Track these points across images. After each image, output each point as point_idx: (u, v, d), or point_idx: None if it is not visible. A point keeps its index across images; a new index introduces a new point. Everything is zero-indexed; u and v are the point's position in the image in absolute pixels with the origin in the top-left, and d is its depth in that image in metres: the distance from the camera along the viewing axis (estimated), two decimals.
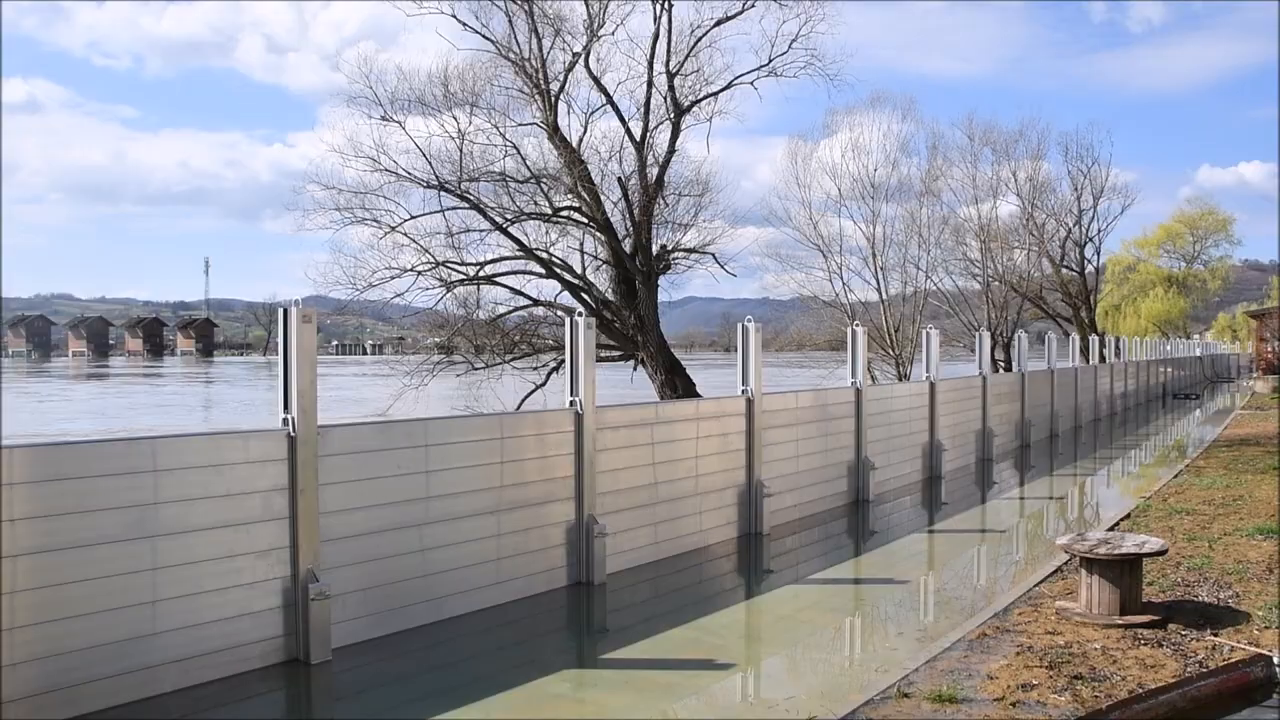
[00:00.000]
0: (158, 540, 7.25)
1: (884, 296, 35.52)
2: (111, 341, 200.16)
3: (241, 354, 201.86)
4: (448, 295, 23.46)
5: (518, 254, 23.38)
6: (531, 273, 23.63)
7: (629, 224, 23.25)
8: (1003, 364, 33.92)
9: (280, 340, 8.08)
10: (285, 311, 8.05)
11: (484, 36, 23.27)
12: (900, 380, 31.86)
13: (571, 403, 10.58)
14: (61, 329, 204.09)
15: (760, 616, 9.99)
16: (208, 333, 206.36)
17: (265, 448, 7.92)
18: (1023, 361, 25.72)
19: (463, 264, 23.37)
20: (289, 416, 8.00)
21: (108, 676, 6.98)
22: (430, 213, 23.08)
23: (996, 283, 37.05)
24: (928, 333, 20.09)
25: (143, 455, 7.31)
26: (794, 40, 23.94)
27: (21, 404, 57.34)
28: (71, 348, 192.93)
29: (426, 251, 23.02)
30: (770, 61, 24.07)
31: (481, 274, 23.47)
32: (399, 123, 22.89)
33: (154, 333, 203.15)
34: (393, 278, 22.98)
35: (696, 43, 23.44)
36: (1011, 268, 38.06)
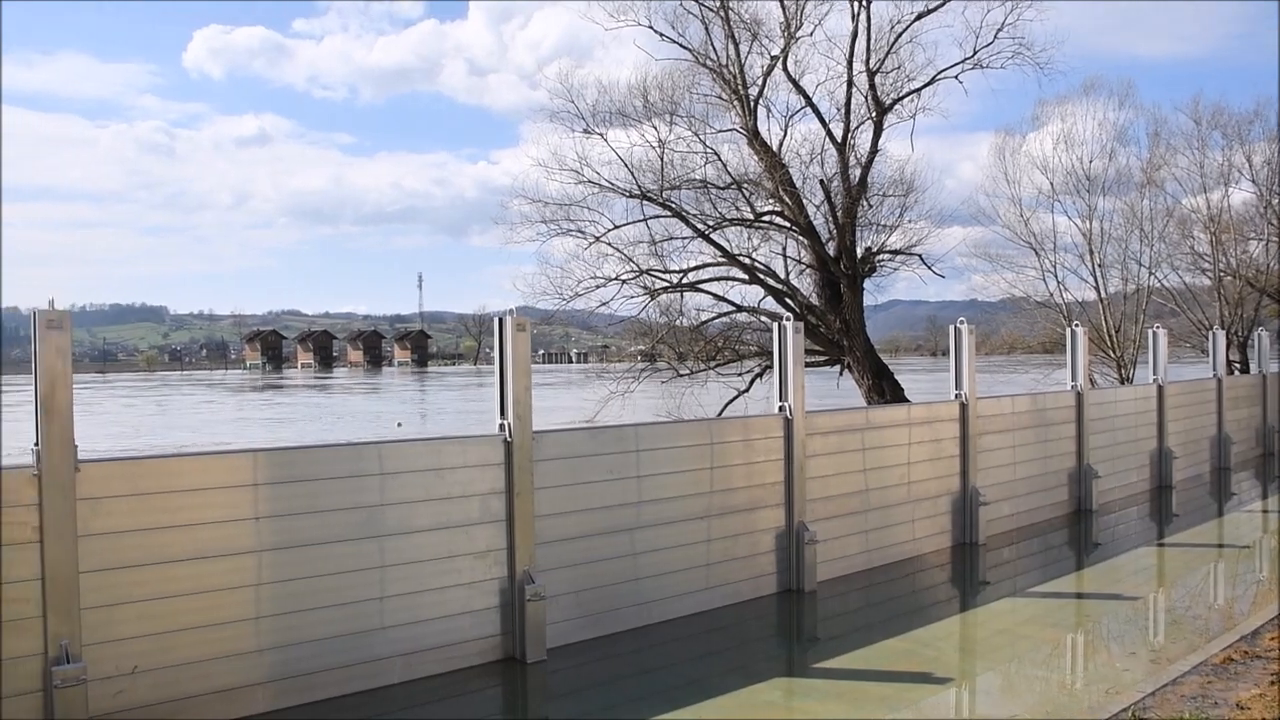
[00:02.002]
0: (384, 540, 7.62)
1: (1103, 295, 33.64)
2: (335, 354, 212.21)
3: (453, 363, 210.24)
4: (651, 303, 23.74)
5: (720, 260, 23.42)
6: (734, 279, 23.62)
7: (832, 227, 22.93)
8: (1238, 365, 31.57)
9: (496, 348, 8.34)
10: (500, 321, 8.30)
11: (681, 45, 23.48)
12: (1123, 383, 30.14)
13: (781, 408, 10.48)
14: (291, 342, 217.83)
15: (977, 630, 9.60)
16: (422, 344, 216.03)
17: (483, 452, 8.19)
18: (1264, 362, 23.79)
19: (665, 271, 23.60)
20: (505, 422, 8.25)
21: (340, 666, 7.36)
22: (633, 222, 23.44)
23: (1230, 278, 34.51)
24: (1154, 332, 18.89)
25: (370, 459, 7.70)
26: (1000, 30, 23.06)
27: (257, 413, 61.53)
28: (300, 359, 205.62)
29: (630, 260, 23.38)
30: (975, 53, 23.26)
31: (684, 281, 23.61)
32: (601, 135, 23.36)
33: (373, 345, 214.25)
34: (597, 287, 23.45)
35: (897, 39, 22.90)
36: (1247, 261, 35.31)
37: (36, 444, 6.24)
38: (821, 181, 23.08)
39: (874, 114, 22.99)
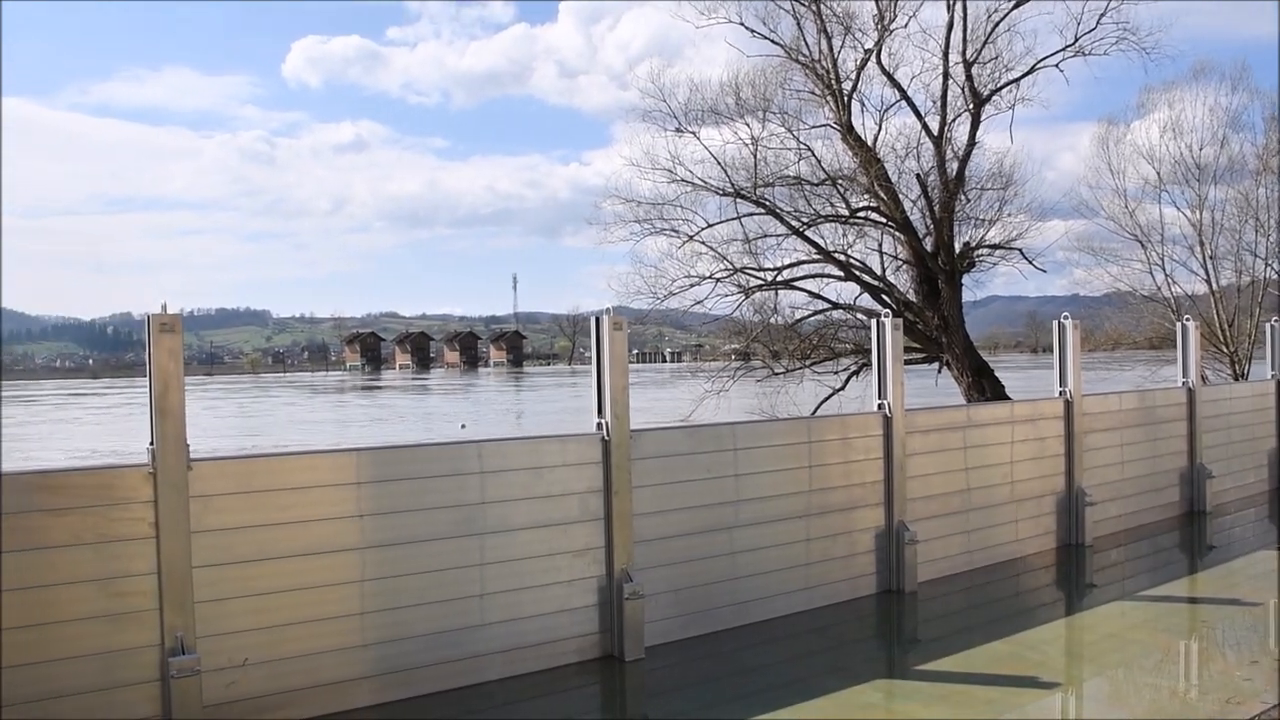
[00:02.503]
0: (485, 538, 7.70)
1: (1214, 288, 32.40)
2: (432, 355, 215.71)
3: (548, 363, 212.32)
4: (745, 301, 23.63)
5: (815, 257, 23.23)
6: (829, 275, 23.40)
7: (929, 222, 22.55)
8: None
9: (593, 347, 8.37)
10: (598, 319, 8.33)
11: (772, 41, 23.31)
12: (1237, 380, 29.04)
13: (880, 406, 10.33)
14: (389, 344, 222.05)
15: (1084, 634, 9.33)
16: (517, 344, 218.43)
17: (581, 451, 8.23)
18: None
19: (760, 269, 23.48)
20: (603, 421, 8.28)
21: (442, 662, 7.47)
22: (726, 220, 23.36)
23: None
24: (1271, 326, 18.12)
25: (470, 458, 7.80)
26: (1103, 15, 22.37)
27: (360, 413, 62.86)
28: (398, 361, 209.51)
29: (724, 259, 23.30)
30: (1076, 40, 22.59)
31: (779, 279, 23.46)
32: (693, 133, 23.33)
33: (469, 345, 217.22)
34: (691, 285, 23.42)
35: (994, 28, 22.38)
36: None
37: (151, 443, 6.46)
38: (918, 176, 22.72)
39: (971, 106, 22.54)
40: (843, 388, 23.20)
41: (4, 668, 6.05)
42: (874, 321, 10.62)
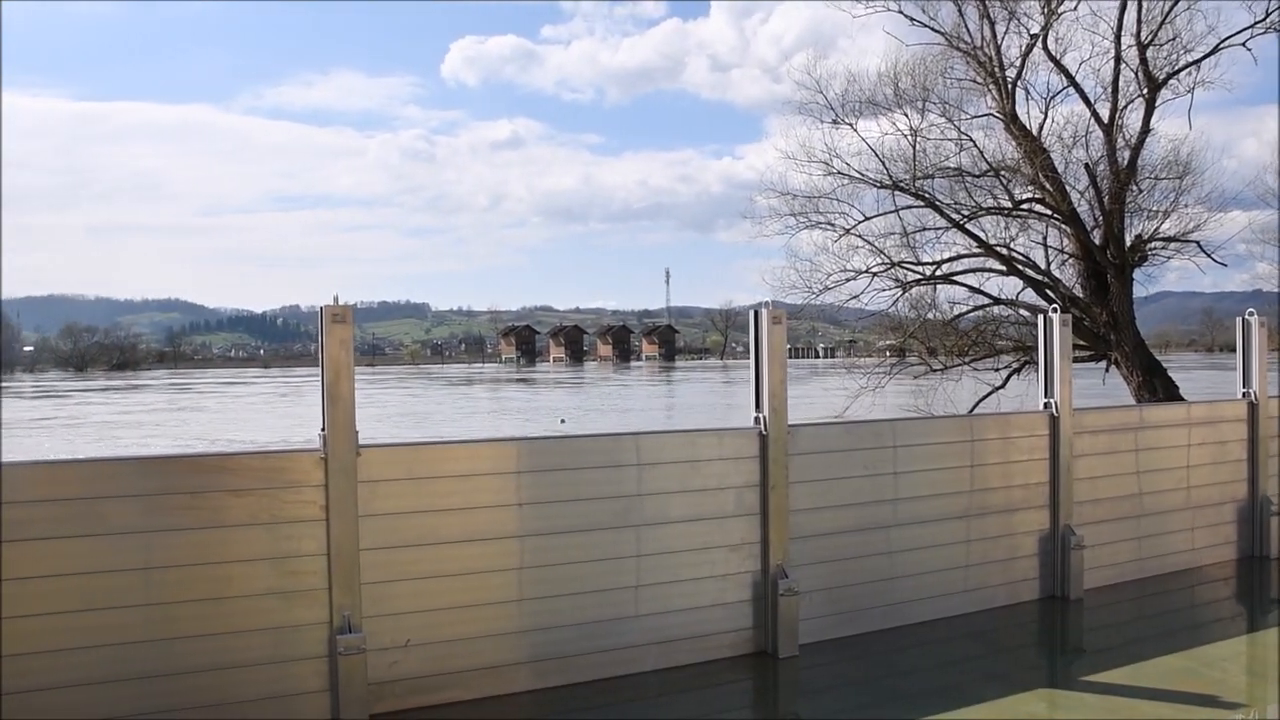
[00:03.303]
0: (641, 529, 7.74)
1: None
2: (585, 348, 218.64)
3: (700, 358, 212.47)
4: (903, 296, 23.11)
5: (975, 251, 22.52)
6: (990, 270, 22.65)
7: (1097, 214, 21.56)
8: None
9: (751, 341, 8.32)
10: (756, 313, 8.28)
11: (932, 29, 22.60)
12: None
13: (1046, 404, 9.95)
14: (544, 337, 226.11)
15: (1270, 652, 8.74)
16: (669, 339, 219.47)
17: (738, 445, 8.19)
18: None
19: (918, 263, 22.90)
20: (760, 415, 8.22)
21: (596, 651, 7.55)
22: (884, 213, 22.86)
23: None
24: None
25: (627, 450, 7.86)
26: None
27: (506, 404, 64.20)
28: (552, 354, 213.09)
29: (881, 253, 22.82)
30: (1268, 15, 21.10)
31: (937, 273, 22.87)
32: (850, 125, 22.88)
33: (622, 339, 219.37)
34: (847, 280, 23.02)
35: (1172, 6, 21.05)
36: None
37: (322, 429, 6.72)
38: (1086, 165, 21.74)
39: (1145, 91, 21.40)
40: (1002, 386, 22.45)
41: (184, 637, 6.42)
42: (1040, 317, 10.24)
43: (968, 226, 22.38)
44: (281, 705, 6.62)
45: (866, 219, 22.98)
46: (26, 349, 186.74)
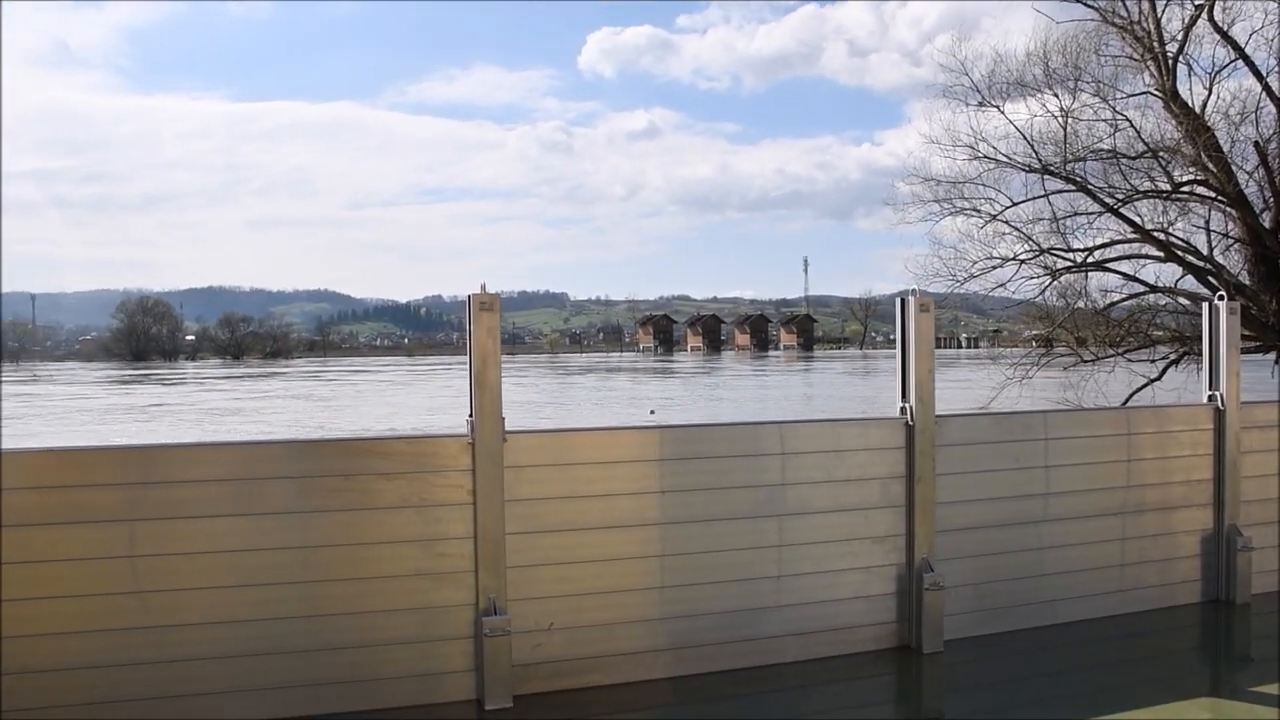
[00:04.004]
0: (784, 519, 7.65)
1: None
2: (723, 337, 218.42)
3: (839, 347, 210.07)
4: (1051, 284, 22.38)
5: (1130, 237, 21.66)
6: (1147, 256, 21.78)
7: (1268, 195, 20.46)
8: None
9: (897, 330, 8.15)
10: (903, 301, 8.09)
11: (1086, 4, 21.82)
12: None
13: (1210, 398, 9.44)
14: (681, 326, 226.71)
15: None
16: (808, 328, 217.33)
17: (883, 435, 8.02)
18: None
19: (1068, 250, 22.18)
20: (906, 405, 8.04)
21: (736, 640, 7.50)
22: (1032, 198, 22.24)
23: None
24: None
25: (770, 439, 7.79)
26: None
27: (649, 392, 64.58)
28: (689, 343, 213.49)
29: (1029, 239, 22.20)
30: None
31: (1089, 260, 22.06)
32: (996, 107, 22.29)
33: (760, 328, 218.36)
34: (993, 268, 22.49)
35: None
36: None
37: (470, 415, 6.86)
38: (1256, 144, 20.63)
39: None
40: (1159, 378, 21.55)
41: (335, 615, 6.65)
42: (1205, 306, 9.70)
43: (1122, 211, 21.56)
44: (427, 683, 6.80)
45: (1014, 204, 22.41)
46: (188, 338, 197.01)
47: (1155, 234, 21.41)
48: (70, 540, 6.31)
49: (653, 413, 49.13)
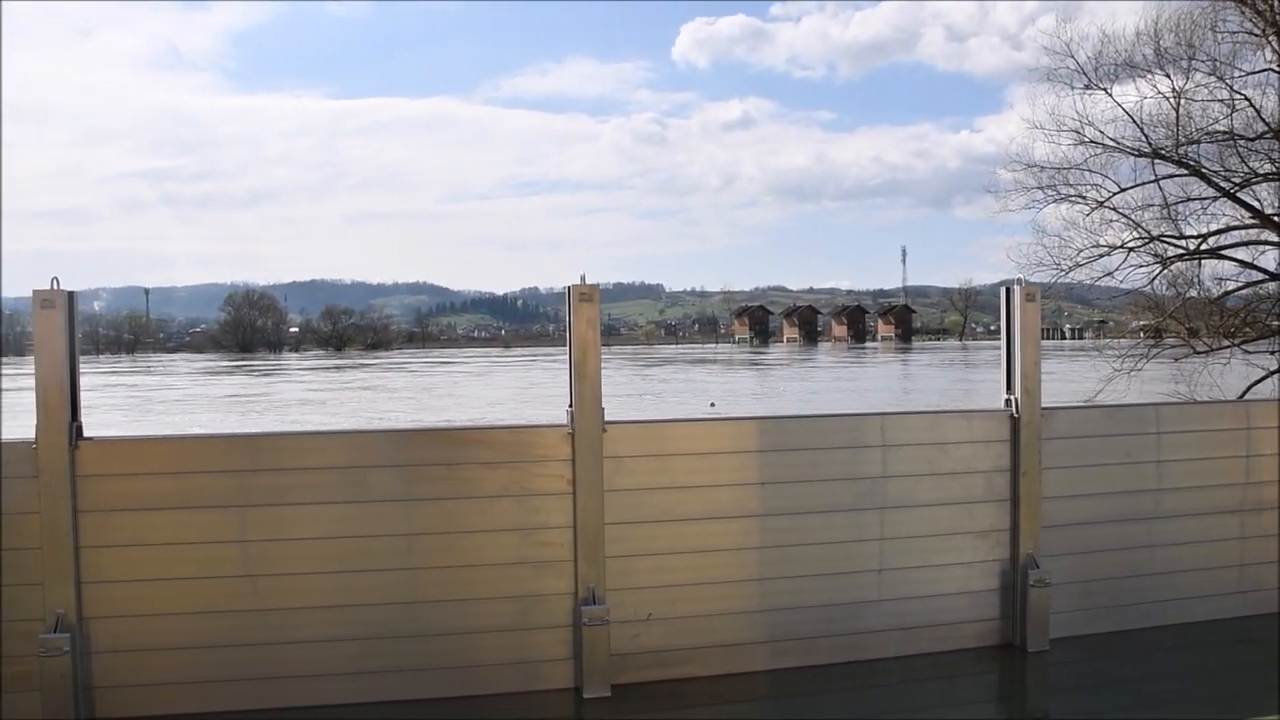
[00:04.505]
0: (885, 512, 7.53)
1: None
2: (819, 328, 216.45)
3: (937, 339, 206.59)
4: (1162, 273, 21.66)
5: (1249, 222, 20.87)
6: (1267, 242, 20.94)
7: None
8: None
9: (1002, 320, 7.95)
10: (1008, 290, 7.89)
11: None
12: None
13: None
14: (777, 317, 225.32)
15: None
16: (906, 319, 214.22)
17: (988, 427, 7.84)
18: None
19: (1180, 237, 21.44)
20: (1012, 397, 7.84)
21: (836, 634, 7.41)
22: (1141, 184, 21.57)
23: None
24: None
25: (871, 430, 7.67)
26: None
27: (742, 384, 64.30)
28: (785, 334, 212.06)
29: (1137, 226, 21.52)
30: None
31: (1203, 247, 21.29)
32: (1104, 89, 21.64)
33: (856, 319, 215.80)
34: (1099, 256, 21.89)
35: None
36: None
37: (570, 405, 6.90)
38: None
39: None
40: (1278, 370, 20.69)
41: (437, 601, 6.77)
42: None
43: (1239, 195, 20.74)
44: (525, 671, 6.89)
45: (1122, 190, 21.77)
46: (292, 330, 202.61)
47: (1276, 218, 20.56)
48: (185, 524, 6.56)
49: (713, 405, 48.91)
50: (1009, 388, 7.87)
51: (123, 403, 55.43)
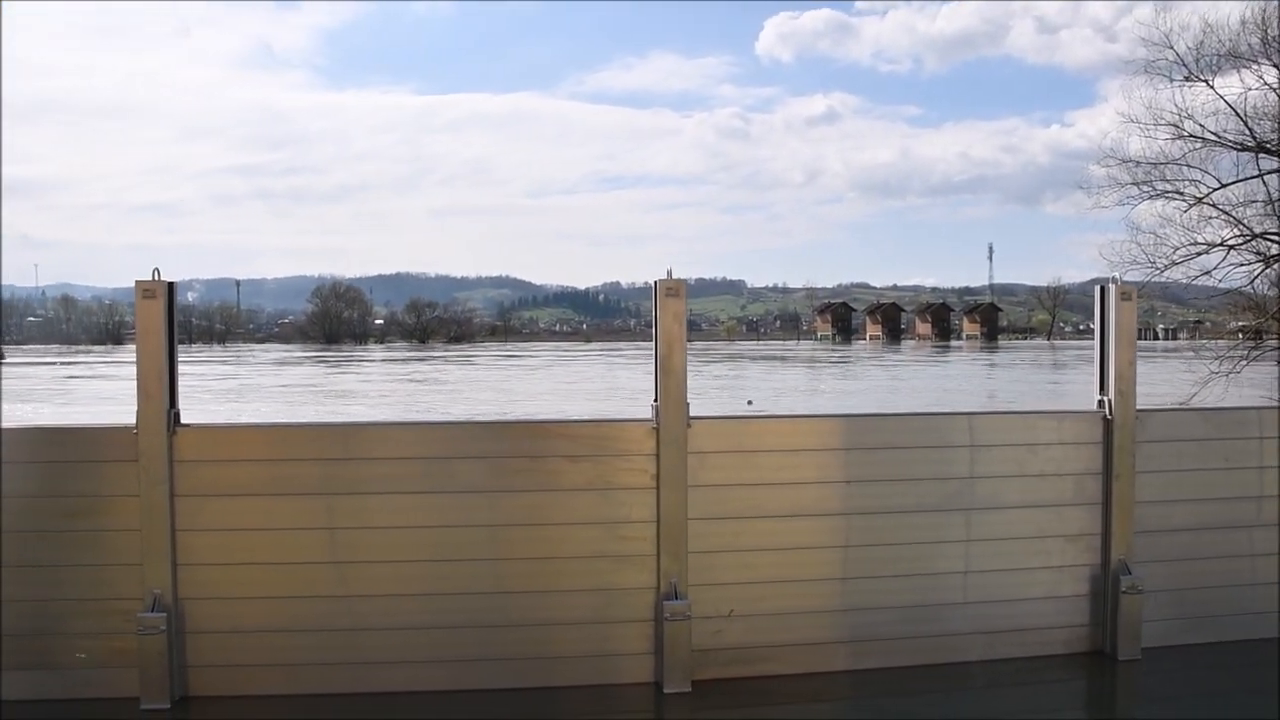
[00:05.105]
0: (971, 514, 7.41)
1: None
2: (903, 326, 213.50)
3: (1025, 338, 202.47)
4: (1264, 271, 20.96)
5: None
6: None
7: None
8: None
9: (1096, 319, 7.74)
10: (1103, 289, 7.69)
11: None
12: None
13: None
14: (860, 314, 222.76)
15: None
16: (991, 317, 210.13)
17: (1079, 429, 7.65)
18: None
19: None
20: (1105, 398, 7.65)
21: (919, 636, 7.31)
22: (1244, 179, 20.94)
23: None
24: None
25: (959, 430, 7.54)
26: None
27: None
28: (868, 331, 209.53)
29: (1239, 223, 20.86)
30: None
31: None
32: (1205, 81, 20.99)
33: (941, 317, 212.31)
34: (1197, 254, 21.23)
35: None
36: None
37: (655, 400, 6.90)
38: None
39: None
40: None
41: (519, 592, 6.84)
42: None
43: None
44: (605, 664, 6.91)
45: (1222, 186, 21.12)
46: (377, 322, 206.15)
47: None
48: (275, 510, 6.73)
49: (750, 403, 48.41)
50: (1102, 388, 7.67)
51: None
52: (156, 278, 6.51)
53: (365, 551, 6.74)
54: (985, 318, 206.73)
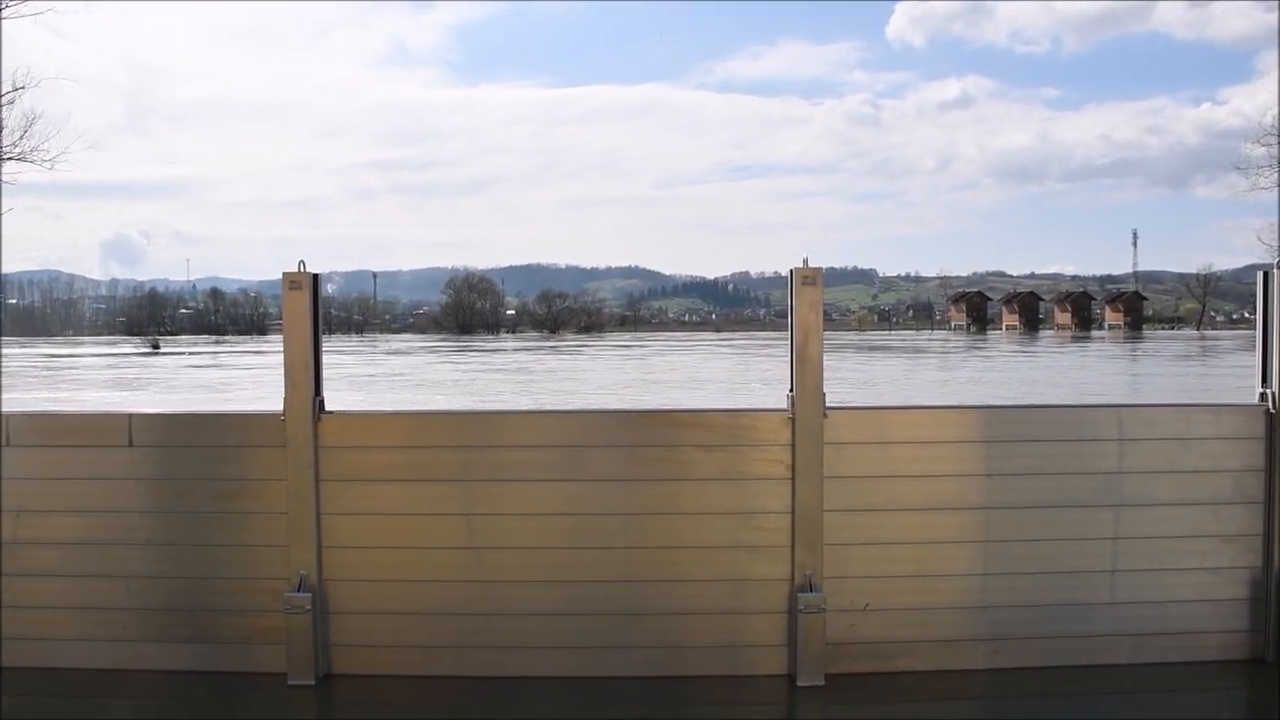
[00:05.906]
0: (1120, 510, 7.11)
1: None
2: (1041, 315, 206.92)
3: (1171, 327, 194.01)
4: None
5: None
6: None
7: None
8: None
9: (1258, 308, 7.32)
10: (1265, 275, 7.26)
11: None
12: None
13: None
14: (996, 304, 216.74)
15: None
16: (1136, 306, 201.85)
17: (1238, 424, 7.24)
18: None
19: None
20: (1268, 391, 7.23)
21: (1062, 635, 7.07)
22: None
23: None
24: None
25: (1107, 423, 7.24)
26: None
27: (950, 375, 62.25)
28: (1005, 321, 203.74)
29: None
30: None
31: None
32: None
33: (1081, 306, 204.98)
34: None
35: None
36: None
37: (791, 390, 6.83)
38: None
39: None
40: None
41: (653, 581, 6.85)
42: None
43: None
44: (738, 654, 6.89)
45: None
46: (509, 313, 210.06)
47: None
48: (414, 496, 6.90)
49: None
50: (1264, 380, 7.25)
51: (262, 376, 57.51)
52: (302, 269, 6.73)
53: (501, 538, 6.86)
54: (1129, 306, 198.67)
